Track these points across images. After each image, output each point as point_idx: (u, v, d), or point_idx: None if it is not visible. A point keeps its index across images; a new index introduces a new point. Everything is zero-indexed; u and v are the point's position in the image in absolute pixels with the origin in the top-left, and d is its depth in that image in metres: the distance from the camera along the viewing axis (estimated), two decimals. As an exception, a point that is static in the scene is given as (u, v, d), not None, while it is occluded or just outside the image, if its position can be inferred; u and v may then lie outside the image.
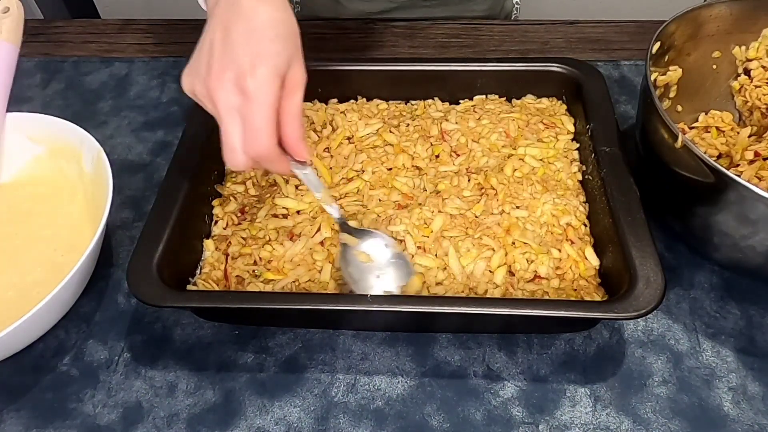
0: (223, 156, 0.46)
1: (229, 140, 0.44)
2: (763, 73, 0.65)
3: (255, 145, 0.44)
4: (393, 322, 0.56)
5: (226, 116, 0.44)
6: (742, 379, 0.53)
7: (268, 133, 0.44)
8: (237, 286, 0.57)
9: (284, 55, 0.45)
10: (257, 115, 0.43)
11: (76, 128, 0.63)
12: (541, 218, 0.59)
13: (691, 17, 0.61)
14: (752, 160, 0.59)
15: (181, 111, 0.77)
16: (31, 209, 0.64)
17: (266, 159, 0.45)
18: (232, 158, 0.45)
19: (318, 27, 0.84)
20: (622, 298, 0.49)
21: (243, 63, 0.43)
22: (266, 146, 0.44)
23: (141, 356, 0.56)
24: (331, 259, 0.57)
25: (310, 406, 0.52)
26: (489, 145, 0.65)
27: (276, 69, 0.44)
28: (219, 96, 0.44)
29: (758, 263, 0.53)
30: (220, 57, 0.44)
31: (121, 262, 0.62)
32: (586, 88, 0.65)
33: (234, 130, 0.44)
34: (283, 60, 0.45)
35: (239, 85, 0.43)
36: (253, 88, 0.43)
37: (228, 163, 0.46)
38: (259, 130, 0.43)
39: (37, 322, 0.51)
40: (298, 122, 0.46)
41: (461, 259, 0.56)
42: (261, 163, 0.46)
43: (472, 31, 0.86)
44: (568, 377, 0.53)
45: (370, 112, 0.70)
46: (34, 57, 0.86)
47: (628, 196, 0.55)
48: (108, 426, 0.52)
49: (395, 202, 0.61)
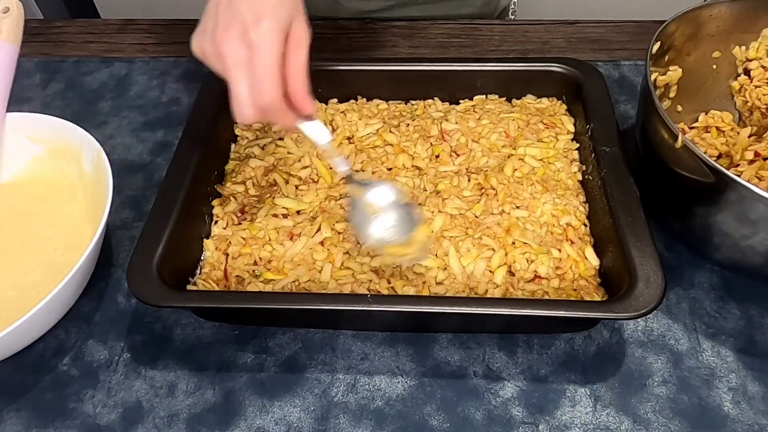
0: (233, 111, 0.47)
1: (237, 93, 0.46)
2: (763, 73, 0.65)
3: (261, 96, 0.46)
4: (393, 322, 0.56)
5: (234, 70, 0.46)
6: (742, 379, 0.53)
7: (274, 83, 0.46)
8: (237, 286, 0.57)
9: (286, 11, 0.47)
10: (262, 66, 0.45)
11: (76, 128, 0.63)
12: (541, 218, 0.59)
13: (691, 17, 0.61)
14: (752, 160, 0.59)
15: (181, 111, 0.77)
16: (31, 209, 0.64)
17: (272, 110, 0.47)
18: (241, 111, 0.47)
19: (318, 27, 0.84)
20: (622, 298, 0.49)
21: (247, 18, 0.45)
22: (272, 96, 0.46)
23: (141, 356, 0.56)
24: (331, 259, 0.57)
25: (310, 406, 0.52)
26: (489, 145, 0.65)
27: (279, 22, 0.46)
28: (226, 51, 0.46)
29: (758, 263, 0.53)
30: (225, 16, 0.46)
31: (121, 262, 0.62)
32: (586, 88, 0.65)
33: (241, 83, 0.46)
34: (285, 15, 0.46)
35: (245, 38, 0.45)
36: (258, 40, 0.45)
37: (237, 117, 0.47)
38: (264, 79, 0.45)
39: (37, 322, 0.51)
40: (303, 77, 0.48)
41: (461, 259, 0.56)
42: (267, 116, 0.47)
43: (472, 31, 0.86)
44: (568, 377, 0.53)
45: (370, 112, 0.70)
46: (34, 57, 0.86)
47: (628, 196, 0.55)
48: (108, 426, 0.52)
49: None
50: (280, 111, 0.47)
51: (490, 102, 0.70)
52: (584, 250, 0.57)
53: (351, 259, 0.57)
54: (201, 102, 0.66)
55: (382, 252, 0.55)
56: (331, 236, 0.58)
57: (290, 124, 0.50)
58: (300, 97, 0.49)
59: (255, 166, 0.65)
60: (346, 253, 0.57)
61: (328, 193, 0.62)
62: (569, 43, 0.84)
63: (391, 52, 0.84)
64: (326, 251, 0.57)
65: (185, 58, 0.85)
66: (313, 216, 0.60)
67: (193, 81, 0.81)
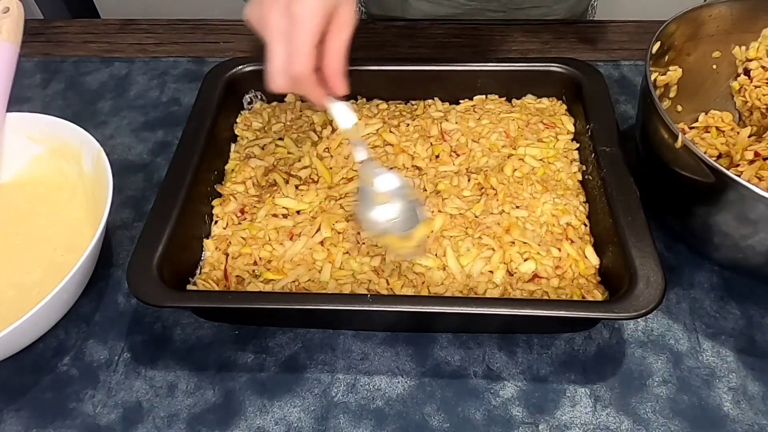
0: (267, 78, 0.50)
1: (274, 61, 0.49)
2: (762, 74, 0.65)
3: (295, 65, 0.48)
4: (393, 322, 0.56)
5: (274, 39, 0.49)
6: (742, 379, 0.53)
7: (307, 55, 0.48)
8: (237, 286, 0.57)
9: None
10: (300, 37, 0.48)
11: (76, 128, 0.63)
12: (541, 218, 0.59)
13: (691, 17, 0.61)
14: (752, 160, 0.59)
15: (181, 111, 0.77)
16: (31, 209, 0.64)
17: (302, 81, 0.49)
18: (273, 79, 0.49)
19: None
20: (622, 298, 0.49)
21: None
22: (303, 67, 0.48)
23: (141, 356, 0.56)
24: (331, 259, 0.57)
25: (310, 406, 0.52)
26: (489, 145, 0.65)
27: (323, 1, 0.48)
28: (269, 20, 0.48)
29: (758, 263, 0.53)
30: None
31: (121, 262, 0.62)
32: (586, 88, 0.65)
33: (278, 52, 0.49)
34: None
35: (288, 11, 0.47)
36: (300, 13, 0.47)
37: (270, 84, 0.50)
38: (300, 49, 0.48)
39: (37, 322, 0.51)
40: (341, 59, 0.50)
41: (461, 259, 0.56)
42: (298, 86, 0.50)
43: (472, 31, 0.86)
44: (568, 377, 0.53)
45: (370, 112, 0.70)
46: (34, 57, 0.86)
47: (628, 196, 0.55)
48: (108, 426, 0.52)
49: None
50: (309, 83, 0.49)
51: (490, 102, 0.70)
52: (584, 250, 0.57)
53: (351, 259, 0.57)
54: (201, 102, 0.66)
55: (381, 241, 0.56)
56: (330, 236, 0.58)
57: (319, 99, 0.52)
58: (333, 76, 0.51)
59: (255, 166, 0.65)
60: (345, 253, 0.57)
61: (328, 193, 0.62)
62: (569, 43, 0.84)
63: (391, 52, 0.84)
64: (326, 251, 0.57)
65: (185, 58, 0.85)
66: (313, 216, 0.60)
67: (193, 81, 0.81)
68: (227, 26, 0.90)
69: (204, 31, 0.90)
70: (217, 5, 1.29)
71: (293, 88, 0.50)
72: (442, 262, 0.56)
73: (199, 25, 0.90)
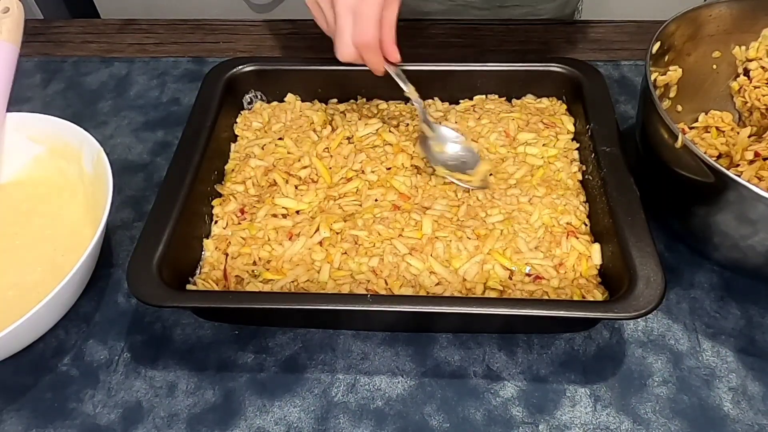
0: (335, 50, 0.57)
1: (342, 33, 0.56)
2: (762, 74, 0.65)
3: (362, 35, 0.55)
4: (393, 322, 0.56)
5: (342, 13, 0.55)
6: (742, 379, 0.53)
7: (375, 24, 0.55)
8: (236, 286, 0.57)
9: None
10: (367, 10, 0.54)
11: (76, 128, 0.63)
12: (541, 218, 0.59)
13: (691, 17, 0.61)
14: (752, 160, 0.59)
15: (181, 111, 0.77)
16: (31, 209, 0.64)
17: (369, 49, 0.56)
18: (342, 49, 0.57)
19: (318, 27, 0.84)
20: (622, 298, 0.49)
21: None
22: (372, 35, 0.55)
23: (141, 356, 0.56)
24: (330, 260, 0.57)
25: (310, 406, 0.52)
26: (488, 145, 0.65)
27: None
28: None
29: (758, 263, 0.53)
30: None
31: (121, 262, 0.63)
32: (586, 88, 0.65)
33: (347, 25, 0.55)
34: None
35: None
36: None
37: (339, 55, 0.58)
38: (367, 21, 0.54)
39: (37, 322, 0.51)
40: (392, 29, 0.57)
41: (460, 259, 0.56)
42: (364, 53, 0.57)
43: (472, 31, 0.86)
44: (568, 377, 0.53)
45: (369, 112, 0.70)
46: (34, 57, 0.86)
47: (628, 196, 0.55)
48: (108, 426, 0.52)
49: (391, 202, 0.61)
50: (374, 50, 0.56)
51: (490, 102, 0.70)
52: (585, 249, 0.57)
53: (349, 260, 0.57)
54: (201, 102, 0.66)
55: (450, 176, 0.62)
56: (329, 236, 0.58)
57: (380, 65, 0.59)
58: (388, 45, 0.57)
59: (255, 166, 0.65)
60: (344, 253, 0.57)
61: (328, 193, 0.62)
62: (569, 43, 0.84)
63: (391, 52, 0.84)
64: (325, 251, 0.57)
65: (185, 58, 0.85)
66: (312, 216, 0.60)
67: (193, 81, 0.81)
68: (227, 26, 0.90)
69: (204, 31, 0.90)
70: (217, 5, 1.30)
71: (358, 57, 0.57)
72: (440, 262, 0.56)
73: (199, 25, 0.91)
